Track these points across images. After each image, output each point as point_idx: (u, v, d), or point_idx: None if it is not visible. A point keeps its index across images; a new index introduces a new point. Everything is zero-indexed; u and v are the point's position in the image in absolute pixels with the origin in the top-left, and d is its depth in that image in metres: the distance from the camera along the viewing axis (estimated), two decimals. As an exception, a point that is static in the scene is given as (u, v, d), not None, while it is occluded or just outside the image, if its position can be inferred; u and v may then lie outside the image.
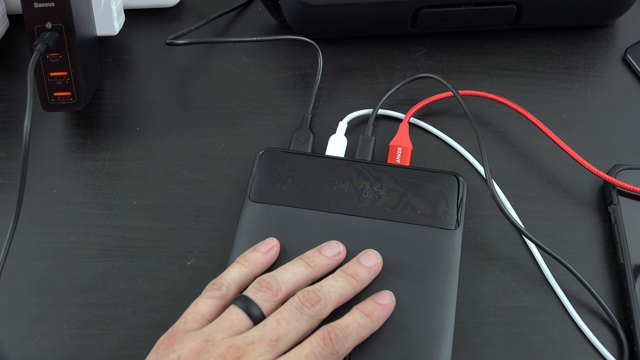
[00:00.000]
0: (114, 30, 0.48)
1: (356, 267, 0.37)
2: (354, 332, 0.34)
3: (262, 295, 0.35)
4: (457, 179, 0.42)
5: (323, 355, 0.33)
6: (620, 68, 0.50)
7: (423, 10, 0.48)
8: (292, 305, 0.34)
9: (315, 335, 0.33)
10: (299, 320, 0.34)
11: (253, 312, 0.34)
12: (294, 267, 0.37)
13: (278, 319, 0.34)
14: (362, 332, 0.35)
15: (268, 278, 0.36)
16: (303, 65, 0.51)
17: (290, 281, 0.36)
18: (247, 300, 0.34)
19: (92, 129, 0.48)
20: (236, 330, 0.33)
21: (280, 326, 0.33)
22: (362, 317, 0.35)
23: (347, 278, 0.36)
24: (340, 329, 0.34)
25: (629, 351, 0.39)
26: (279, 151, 0.43)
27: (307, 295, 0.35)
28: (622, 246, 0.41)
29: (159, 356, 0.33)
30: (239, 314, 0.34)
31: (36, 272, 0.42)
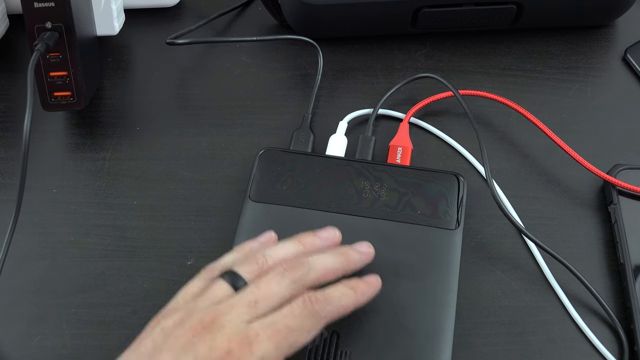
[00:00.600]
0: (114, 30, 0.48)
1: (347, 248, 0.37)
2: (335, 298, 0.34)
3: (248, 268, 0.34)
4: (457, 178, 0.42)
5: (302, 314, 0.32)
6: (620, 68, 0.50)
7: (423, 10, 0.48)
8: (274, 270, 0.34)
9: (295, 299, 0.33)
10: (280, 284, 0.33)
11: (238, 284, 0.34)
12: (284, 244, 0.36)
13: (258, 283, 0.33)
14: (344, 300, 0.34)
15: (256, 253, 0.35)
16: (303, 65, 0.51)
17: (277, 256, 0.35)
18: (232, 274, 0.34)
19: (92, 129, 0.48)
20: (218, 300, 0.33)
21: (259, 289, 0.33)
22: (345, 288, 0.35)
23: (336, 254, 0.36)
24: (321, 294, 0.33)
25: (629, 351, 0.39)
26: (279, 151, 0.43)
27: (291, 262, 0.34)
28: (622, 246, 0.41)
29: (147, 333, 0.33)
30: (224, 286, 0.34)
31: (36, 272, 0.42)
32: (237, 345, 0.30)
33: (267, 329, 0.31)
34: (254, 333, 0.31)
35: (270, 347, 0.31)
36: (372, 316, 0.37)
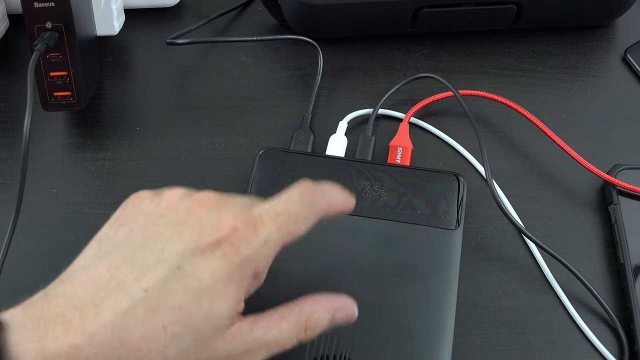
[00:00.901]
0: (114, 30, 0.48)
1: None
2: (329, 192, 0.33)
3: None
4: (457, 178, 0.42)
5: (301, 202, 0.32)
6: (620, 68, 0.50)
7: (423, 10, 0.48)
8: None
9: (291, 188, 0.32)
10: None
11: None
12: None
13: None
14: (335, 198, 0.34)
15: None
16: (303, 65, 0.51)
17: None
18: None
19: (92, 129, 0.48)
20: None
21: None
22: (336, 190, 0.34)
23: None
24: (317, 186, 0.33)
25: (629, 351, 0.39)
26: (279, 151, 0.43)
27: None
28: (622, 246, 0.41)
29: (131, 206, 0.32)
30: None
31: (36, 272, 0.42)
32: (242, 224, 0.30)
33: (270, 212, 0.31)
34: (257, 214, 0.30)
35: (273, 230, 0.30)
36: (372, 316, 0.37)
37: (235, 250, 0.29)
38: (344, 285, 0.38)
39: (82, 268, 0.29)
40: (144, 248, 0.29)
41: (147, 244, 0.29)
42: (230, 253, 0.29)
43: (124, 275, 0.28)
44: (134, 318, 0.27)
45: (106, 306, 0.27)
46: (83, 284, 0.28)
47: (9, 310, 0.28)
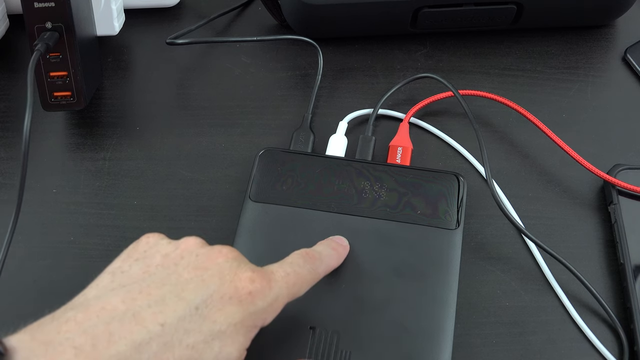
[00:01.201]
0: (114, 30, 0.48)
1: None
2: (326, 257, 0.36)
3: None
4: (457, 178, 0.42)
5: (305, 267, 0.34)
6: (620, 68, 0.50)
7: (423, 10, 0.48)
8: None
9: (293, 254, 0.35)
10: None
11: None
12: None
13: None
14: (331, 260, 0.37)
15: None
16: (303, 65, 0.51)
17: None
18: None
19: (92, 129, 0.48)
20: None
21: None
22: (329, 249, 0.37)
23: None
24: (315, 252, 0.36)
25: (629, 351, 0.39)
26: (279, 151, 0.43)
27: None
28: (622, 246, 0.41)
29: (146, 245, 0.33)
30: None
31: (36, 272, 0.42)
32: (259, 278, 0.31)
33: (281, 270, 0.32)
34: (270, 270, 0.32)
35: (282, 288, 0.32)
36: (372, 316, 0.37)
37: (251, 301, 0.30)
38: (344, 285, 0.38)
39: (95, 297, 0.30)
40: (162, 285, 0.30)
41: (165, 282, 0.30)
42: (246, 302, 0.30)
43: (141, 308, 0.29)
44: (148, 351, 0.28)
45: (121, 336, 0.27)
46: (96, 313, 0.28)
47: (16, 335, 0.28)
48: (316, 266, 0.35)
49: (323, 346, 0.37)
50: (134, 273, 0.31)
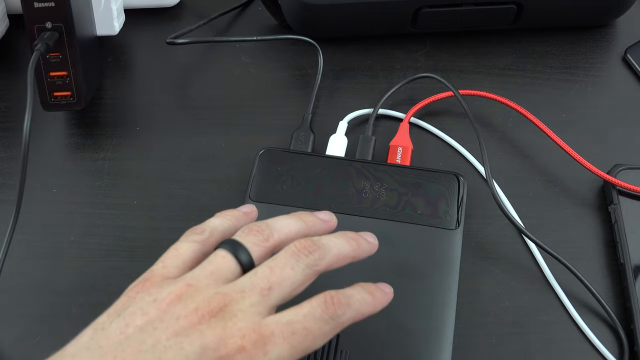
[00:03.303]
0: (114, 30, 0.48)
1: (357, 235, 0.34)
2: (356, 302, 0.31)
3: (252, 239, 0.31)
4: (458, 178, 0.42)
5: (323, 319, 0.29)
6: (620, 68, 0.50)
7: (423, 10, 0.48)
8: (287, 252, 0.31)
9: (315, 298, 0.30)
10: (294, 268, 0.30)
11: (241, 257, 0.30)
12: (286, 218, 0.33)
13: (271, 265, 0.30)
14: (363, 306, 0.31)
15: (259, 223, 0.32)
16: (303, 65, 0.51)
17: (282, 230, 0.32)
18: (234, 244, 0.31)
19: (92, 129, 0.48)
20: (222, 276, 0.30)
21: (273, 273, 0.30)
22: (364, 293, 0.32)
23: (347, 238, 0.33)
24: (343, 295, 0.30)
25: (629, 351, 0.39)
26: (279, 151, 0.43)
27: (305, 243, 0.31)
28: (622, 246, 0.41)
29: (131, 299, 0.29)
30: (226, 257, 0.30)
31: (36, 272, 0.42)
32: (250, 344, 0.27)
33: (284, 329, 0.28)
34: (269, 331, 0.28)
35: (284, 350, 0.28)
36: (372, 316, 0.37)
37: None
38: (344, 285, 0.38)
39: (70, 356, 0.27)
40: (138, 351, 0.27)
41: (142, 348, 0.27)
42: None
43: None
44: None
45: None
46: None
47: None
48: (340, 314, 0.30)
49: (323, 346, 0.37)
50: (111, 332, 0.28)
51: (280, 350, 0.28)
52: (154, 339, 0.27)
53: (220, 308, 0.28)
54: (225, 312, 0.28)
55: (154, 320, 0.28)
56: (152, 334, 0.27)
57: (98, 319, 0.29)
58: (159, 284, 0.30)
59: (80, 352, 0.27)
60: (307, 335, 0.29)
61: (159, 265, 0.31)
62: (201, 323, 0.28)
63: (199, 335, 0.27)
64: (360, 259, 0.34)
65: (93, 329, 0.28)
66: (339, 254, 0.32)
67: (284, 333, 0.28)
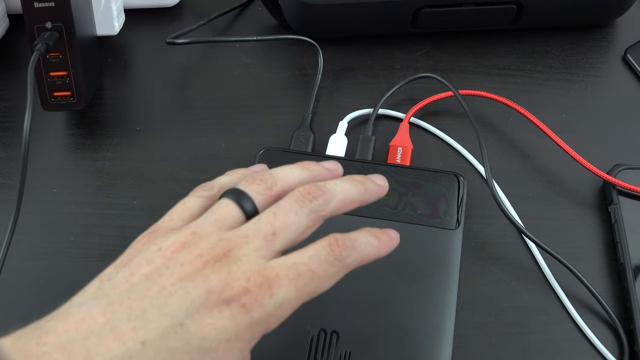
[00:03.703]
0: (114, 30, 0.48)
1: (364, 177, 0.33)
2: (362, 245, 0.31)
3: (256, 187, 0.31)
4: (458, 178, 0.42)
5: (328, 260, 0.29)
6: (620, 68, 0.50)
7: (423, 10, 0.48)
8: (291, 197, 0.30)
9: (320, 240, 0.30)
10: (299, 213, 0.30)
11: (245, 205, 0.30)
12: (291, 167, 0.33)
13: (275, 211, 0.30)
14: (369, 249, 0.31)
15: (263, 172, 0.32)
16: (303, 65, 0.51)
17: (286, 178, 0.32)
18: (238, 192, 0.31)
19: (92, 129, 0.48)
20: (226, 224, 0.30)
21: (277, 219, 0.29)
22: (370, 236, 0.31)
23: (354, 182, 0.32)
24: (347, 238, 0.30)
25: (629, 351, 0.39)
26: (279, 151, 0.43)
27: (309, 188, 0.31)
28: (622, 246, 0.41)
29: (137, 250, 0.30)
30: (230, 205, 0.30)
31: (36, 272, 0.42)
32: (255, 286, 0.27)
33: (289, 271, 0.28)
34: (273, 274, 0.28)
35: (290, 292, 0.28)
36: (372, 316, 0.37)
37: (246, 312, 0.27)
38: (343, 285, 0.38)
39: (77, 305, 0.28)
40: (144, 297, 0.27)
41: (147, 294, 0.27)
42: (239, 315, 0.27)
43: (120, 321, 0.26)
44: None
45: (97, 352, 0.25)
46: (76, 324, 0.26)
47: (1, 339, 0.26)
48: (345, 256, 0.29)
49: (323, 346, 0.37)
50: (118, 281, 0.28)
51: (286, 292, 0.28)
52: (160, 285, 0.27)
53: (224, 253, 0.28)
54: (229, 256, 0.28)
55: (159, 268, 0.28)
56: (157, 281, 0.27)
57: (105, 270, 0.29)
58: (165, 234, 0.30)
59: (87, 302, 0.28)
60: (313, 277, 0.28)
61: (165, 219, 0.31)
62: (205, 268, 0.28)
63: (204, 280, 0.27)
64: (368, 202, 0.33)
65: (100, 280, 0.29)
66: (345, 198, 0.32)
67: (289, 275, 0.28)
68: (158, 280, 0.27)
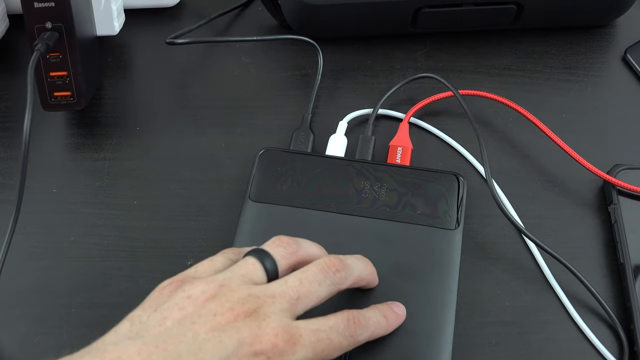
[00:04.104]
0: (114, 30, 0.48)
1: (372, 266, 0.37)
2: (372, 325, 0.34)
3: (280, 251, 0.33)
4: (457, 178, 0.42)
5: (344, 334, 0.32)
6: (620, 68, 0.50)
7: (423, 10, 0.48)
8: (317, 267, 0.33)
9: (340, 314, 0.33)
10: (322, 284, 0.33)
11: (268, 265, 0.33)
12: (312, 243, 0.36)
13: (301, 278, 0.32)
14: (378, 329, 0.35)
15: (287, 237, 0.34)
16: (303, 65, 0.51)
17: (308, 249, 0.35)
18: (263, 252, 0.33)
19: (92, 129, 0.48)
20: (252, 279, 0.32)
21: (302, 285, 0.32)
22: (380, 316, 0.35)
23: (366, 263, 0.36)
24: (363, 317, 0.33)
25: (629, 351, 0.39)
26: (279, 151, 0.43)
27: (334, 260, 0.34)
28: (622, 246, 0.41)
29: (164, 296, 0.31)
30: (255, 264, 0.32)
31: (36, 272, 0.42)
32: (282, 342, 0.30)
33: (312, 335, 0.31)
34: (298, 333, 0.31)
35: (309, 353, 0.31)
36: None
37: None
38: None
39: (112, 344, 0.29)
40: (178, 342, 0.29)
41: (182, 339, 0.29)
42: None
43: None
44: None
45: None
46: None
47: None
48: (358, 334, 0.33)
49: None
50: (151, 324, 0.29)
51: (306, 352, 0.30)
52: (194, 332, 0.29)
53: (254, 309, 0.30)
54: (259, 312, 0.30)
55: (192, 315, 0.30)
56: (190, 328, 0.29)
57: (133, 312, 0.31)
58: (192, 282, 0.31)
59: (121, 341, 0.29)
60: (329, 345, 0.31)
61: (191, 270, 0.33)
62: (237, 320, 0.30)
63: (236, 331, 0.29)
64: (371, 286, 0.38)
65: (130, 321, 0.30)
66: (359, 276, 0.35)
67: (311, 338, 0.31)
68: (192, 327, 0.29)
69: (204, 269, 0.33)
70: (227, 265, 0.34)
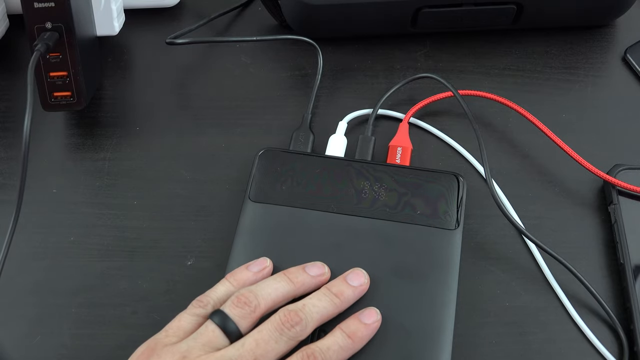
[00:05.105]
0: (114, 30, 0.48)
1: (341, 285, 0.37)
2: (334, 355, 0.34)
3: (240, 312, 0.34)
4: (457, 178, 0.42)
5: None
6: (620, 68, 0.50)
7: (423, 10, 0.48)
8: (272, 325, 0.34)
9: (294, 356, 0.33)
10: (278, 341, 0.33)
11: (229, 329, 0.34)
12: (275, 282, 0.36)
13: (257, 339, 0.33)
14: (342, 354, 0.34)
15: (247, 293, 0.35)
16: (303, 65, 0.51)
17: (270, 297, 0.35)
18: (223, 317, 0.34)
19: (92, 129, 0.48)
20: (213, 347, 0.33)
21: (258, 347, 0.33)
22: (344, 339, 0.35)
23: (331, 297, 0.36)
24: (320, 352, 0.34)
25: (629, 351, 0.39)
26: (279, 151, 0.43)
27: (288, 315, 0.34)
28: (622, 246, 0.41)
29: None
30: (215, 331, 0.34)
31: (36, 272, 0.42)
32: None
33: None
34: None
35: None
36: (371, 316, 0.37)
37: None
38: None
39: None
40: None
41: None
42: None
43: None
44: None
45: None
46: None
47: None
48: None
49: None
50: None
51: None
52: None
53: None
54: None
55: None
56: None
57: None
58: (159, 352, 0.33)
59: None
60: None
61: (162, 334, 0.34)
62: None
63: None
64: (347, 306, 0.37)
65: None
66: (321, 318, 0.35)
67: None
68: None
69: (173, 332, 0.34)
70: (194, 324, 0.35)
